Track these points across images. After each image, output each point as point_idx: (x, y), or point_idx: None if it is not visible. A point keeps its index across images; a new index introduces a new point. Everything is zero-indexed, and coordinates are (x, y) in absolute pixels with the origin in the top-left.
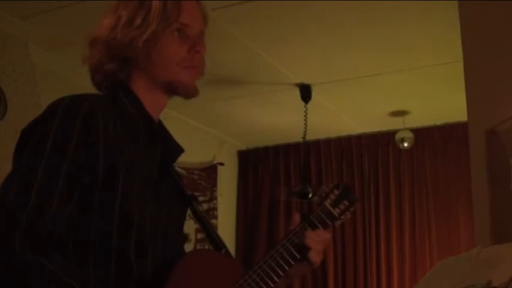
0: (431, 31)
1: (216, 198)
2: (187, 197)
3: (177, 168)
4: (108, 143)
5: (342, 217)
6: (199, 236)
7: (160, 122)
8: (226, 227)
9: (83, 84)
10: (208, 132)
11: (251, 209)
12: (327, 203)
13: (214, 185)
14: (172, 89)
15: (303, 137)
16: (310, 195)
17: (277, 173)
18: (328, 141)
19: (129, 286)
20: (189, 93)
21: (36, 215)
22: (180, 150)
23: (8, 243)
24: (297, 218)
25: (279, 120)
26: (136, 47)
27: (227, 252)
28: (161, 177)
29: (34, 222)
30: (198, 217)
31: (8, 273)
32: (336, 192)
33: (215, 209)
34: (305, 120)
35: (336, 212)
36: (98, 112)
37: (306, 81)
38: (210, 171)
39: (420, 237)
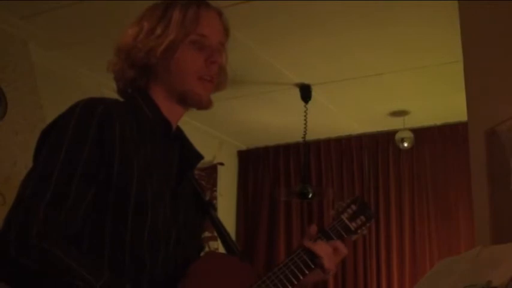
0: (431, 31)
1: (216, 198)
2: (205, 204)
3: None
4: (124, 143)
5: (358, 231)
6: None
7: (179, 129)
8: (226, 227)
9: (83, 84)
10: (208, 132)
11: (251, 209)
12: (344, 217)
13: (214, 184)
14: (185, 99)
15: (303, 137)
16: (310, 195)
17: (277, 173)
18: (328, 141)
19: (143, 283)
20: (202, 105)
21: (53, 208)
22: (199, 157)
23: (25, 234)
24: (313, 229)
25: (279, 120)
26: (154, 56)
27: (242, 257)
28: (178, 182)
29: (50, 215)
30: (215, 224)
31: (24, 263)
32: (354, 207)
33: (216, 209)
34: (305, 120)
35: (352, 226)
36: (114, 114)
37: (306, 81)
38: (210, 171)
39: (420, 237)
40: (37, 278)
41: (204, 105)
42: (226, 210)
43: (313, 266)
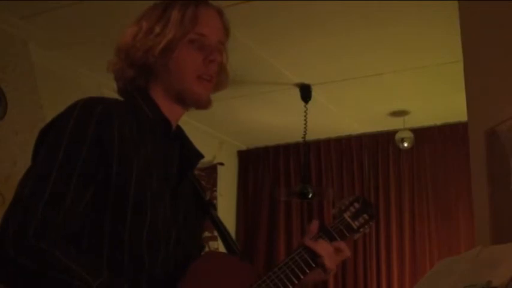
0: (431, 31)
1: (216, 198)
2: (205, 204)
3: None
4: (123, 143)
5: (361, 230)
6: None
7: (179, 128)
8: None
9: (83, 84)
10: (208, 132)
11: (251, 209)
12: (346, 215)
13: (214, 184)
14: (183, 98)
15: (303, 137)
16: (310, 195)
17: (277, 173)
18: (328, 141)
19: (142, 282)
20: (200, 104)
21: (51, 208)
22: (199, 156)
23: (23, 234)
24: (314, 226)
25: (279, 120)
26: (153, 55)
27: (242, 257)
28: (178, 181)
29: (49, 215)
30: (215, 223)
31: (22, 263)
32: (356, 205)
33: (216, 209)
34: (305, 120)
35: (355, 224)
36: (113, 113)
37: (306, 81)
38: (210, 171)
39: (420, 237)
40: (35, 278)
41: (202, 104)
42: (226, 210)
43: (314, 265)
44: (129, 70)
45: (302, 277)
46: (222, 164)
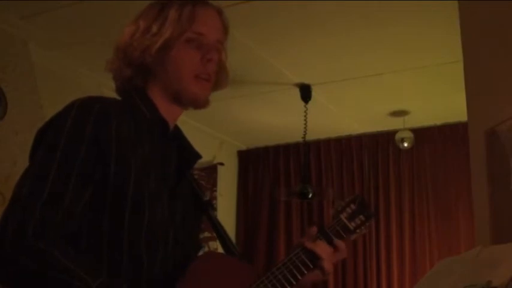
0: (431, 31)
1: (216, 198)
2: (203, 204)
3: None
4: (121, 143)
5: (357, 231)
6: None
7: (177, 128)
8: (226, 227)
9: (83, 84)
10: (208, 132)
11: (251, 209)
12: (343, 216)
13: (214, 184)
14: (179, 98)
15: (303, 137)
16: (310, 195)
17: (277, 173)
18: (328, 141)
19: (141, 282)
20: (198, 103)
21: (50, 208)
22: (197, 156)
23: (21, 234)
24: (313, 230)
25: (279, 120)
26: (150, 54)
27: (241, 257)
28: (177, 181)
29: (47, 215)
30: (214, 224)
31: (21, 263)
32: (353, 206)
33: (215, 209)
34: (305, 120)
35: (351, 225)
36: (111, 113)
37: (306, 81)
38: (210, 171)
39: (420, 237)
40: (35, 278)
41: (200, 104)
42: (226, 210)
43: (311, 266)
44: (126, 69)
45: (300, 278)
46: (222, 164)
